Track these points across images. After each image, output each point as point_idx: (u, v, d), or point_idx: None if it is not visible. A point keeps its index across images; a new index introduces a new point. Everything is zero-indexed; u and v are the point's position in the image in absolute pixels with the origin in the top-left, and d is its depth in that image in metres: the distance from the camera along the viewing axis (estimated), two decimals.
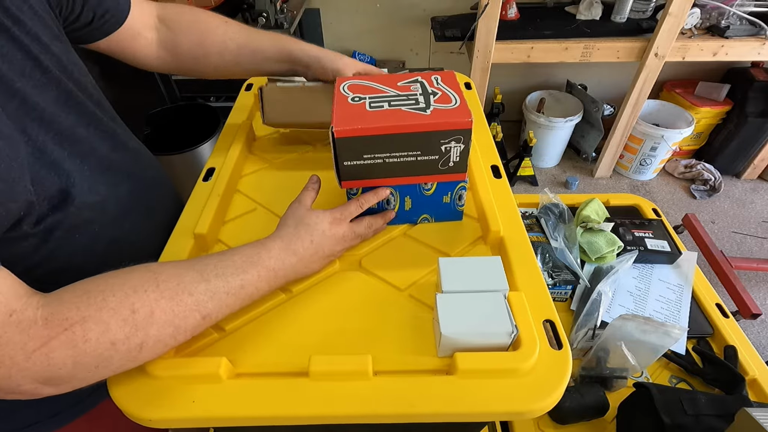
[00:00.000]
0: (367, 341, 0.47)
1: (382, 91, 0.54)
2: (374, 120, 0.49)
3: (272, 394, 0.42)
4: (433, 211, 0.60)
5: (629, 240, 0.93)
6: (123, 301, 0.37)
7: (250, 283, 0.45)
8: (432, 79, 0.56)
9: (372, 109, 0.51)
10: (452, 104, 0.51)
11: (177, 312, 0.39)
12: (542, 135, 2.17)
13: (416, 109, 0.50)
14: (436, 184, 0.56)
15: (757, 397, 0.74)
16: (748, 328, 1.62)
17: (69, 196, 0.45)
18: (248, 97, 0.82)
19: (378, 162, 0.52)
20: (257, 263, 0.46)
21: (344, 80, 0.56)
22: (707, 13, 1.81)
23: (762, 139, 2.06)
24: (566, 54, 1.81)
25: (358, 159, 0.51)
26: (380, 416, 0.42)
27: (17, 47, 0.42)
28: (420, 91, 0.54)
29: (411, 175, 0.54)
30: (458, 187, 0.57)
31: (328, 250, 0.52)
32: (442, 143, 0.50)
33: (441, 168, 0.53)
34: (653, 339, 0.71)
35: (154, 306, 0.38)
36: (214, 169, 0.66)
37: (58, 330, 0.34)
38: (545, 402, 0.41)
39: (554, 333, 0.46)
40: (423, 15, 2.13)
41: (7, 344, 0.33)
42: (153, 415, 0.41)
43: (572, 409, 0.69)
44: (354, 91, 0.54)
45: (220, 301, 0.42)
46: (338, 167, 0.52)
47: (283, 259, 0.48)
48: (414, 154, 0.51)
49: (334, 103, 0.52)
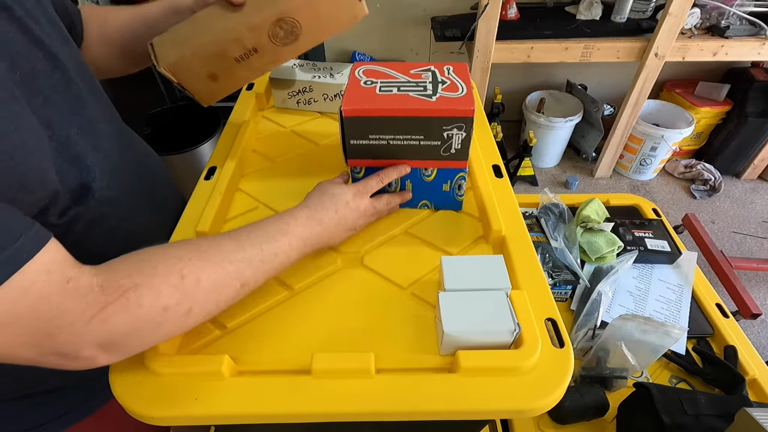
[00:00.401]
0: (370, 339, 0.48)
1: (394, 77, 0.57)
2: (382, 102, 0.52)
3: (274, 391, 0.42)
4: (433, 198, 0.62)
5: (629, 240, 0.93)
6: (171, 268, 0.38)
7: (282, 251, 0.47)
8: (444, 69, 0.58)
9: (381, 92, 0.54)
10: (458, 93, 0.53)
11: (220, 279, 0.41)
12: (542, 135, 2.17)
13: (423, 96, 0.53)
14: (436, 171, 0.58)
15: (757, 397, 0.75)
16: (748, 328, 1.62)
17: (89, 190, 0.46)
18: (249, 96, 0.82)
19: (382, 143, 0.55)
20: (287, 232, 0.48)
21: (360, 65, 0.59)
22: (707, 13, 1.81)
23: (762, 139, 2.07)
24: (566, 54, 1.81)
25: (363, 138, 0.54)
26: (382, 414, 0.42)
27: (39, 47, 0.42)
28: (430, 79, 0.56)
29: (413, 159, 0.57)
30: (458, 176, 0.58)
31: (351, 222, 0.55)
32: (445, 129, 0.53)
33: (443, 154, 0.55)
34: (653, 339, 0.71)
35: (200, 273, 0.39)
36: (215, 168, 0.66)
37: (113, 296, 0.35)
38: (547, 400, 0.41)
39: (556, 331, 0.46)
40: (423, 15, 2.13)
41: (67, 311, 0.34)
42: (156, 412, 0.41)
43: (572, 409, 0.69)
44: (368, 76, 0.57)
45: (256, 269, 0.44)
46: (345, 145, 0.55)
47: (311, 227, 0.50)
48: (417, 138, 0.54)
49: (348, 85, 0.56)
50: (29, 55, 0.41)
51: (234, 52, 0.58)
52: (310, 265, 0.55)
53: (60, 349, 0.34)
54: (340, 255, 0.57)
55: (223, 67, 0.60)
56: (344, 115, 0.52)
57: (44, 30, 0.44)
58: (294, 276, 0.54)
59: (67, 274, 0.34)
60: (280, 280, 0.53)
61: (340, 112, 0.52)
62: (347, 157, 0.57)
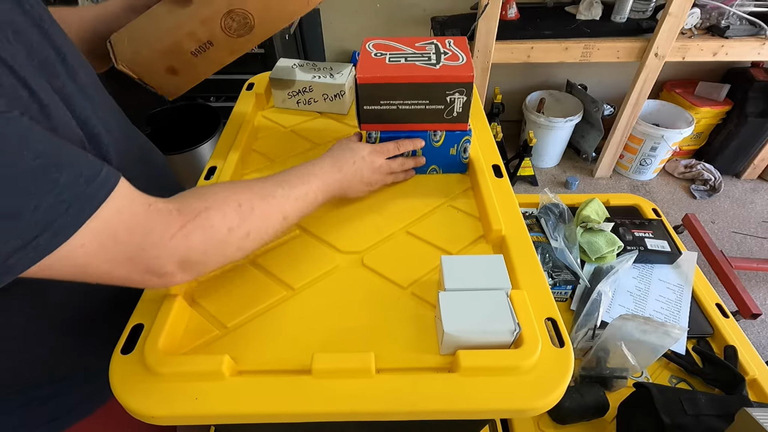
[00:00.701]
0: (370, 339, 0.48)
1: (401, 50, 0.63)
2: (391, 71, 0.59)
3: (275, 391, 0.42)
4: (441, 162, 0.68)
5: (629, 240, 0.93)
6: (230, 196, 0.44)
7: (312, 191, 0.53)
8: (446, 42, 0.65)
9: (391, 62, 0.60)
10: (459, 62, 0.60)
11: (268, 210, 0.47)
12: (542, 135, 2.17)
13: (428, 64, 0.59)
14: (444, 135, 0.64)
15: (757, 397, 0.75)
16: (748, 328, 1.62)
17: None
18: (249, 96, 0.82)
19: (393, 108, 0.61)
20: (315, 174, 0.54)
21: (370, 39, 0.65)
22: (707, 13, 1.81)
23: (762, 139, 2.07)
24: (566, 54, 1.81)
25: (375, 104, 0.61)
26: (383, 413, 0.42)
27: (47, 41, 0.43)
28: (434, 50, 0.63)
29: (420, 122, 0.63)
30: (463, 139, 0.65)
31: (366, 176, 0.60)
32: (447, 94, 0.59)
33: (446, 117, 0.62)
34: (653, 339, 0.71)
35: (253, 202, 0.45)
36: (215, 168, 0.66)
37: (190, 216, 0.40)
38: (547, 399, 0.41)
39: (556, 331, 0.46)
40: (423, 15, 2.13)
41: (154, 228, 0.38)
42: (156, 412, 0.41)
43: (572, 409, 0.69)
44: (377, 49, 0.63)
45: (293, 204, 0.50)
46: (359, 111, 0.62)
47: (332, 174, 0.56)
48: (423, 103, 0.60)
49: (360, 57, 0.61)
50: (41, 46, 0.42)
51: (189, 45, 0.59)
52: (310, 265, 0.55)
53: (149, 264, 0.38)
54: (340, 255, 0.57)
55: (182, 61, 0.61)
56: (359, 83, 0.58)
57: (49, 24, 0.44)
58: (294, 276, 0.54)
59: (147, 200, 0.38)
60: (280, 280, 0.54)
61: (354, 80, 0.59)
62: (361, 122, 0.63)
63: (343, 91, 0.78)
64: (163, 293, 0.49)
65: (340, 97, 0.79)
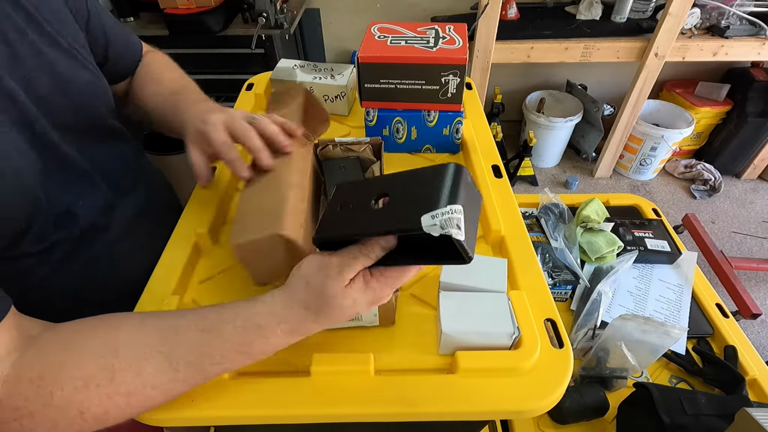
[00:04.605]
0: (369, 340, 0.47)
1: (403, 33, 0.67)
2: (391, 51, 0.62)
3: (273, 393, 0.42)
4: (435, 142, 0.71)
5: (629, 240, 0.93)
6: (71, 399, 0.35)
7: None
8: (446, 28, 0.69)
9: (392, 44, 0.64)
10: (455, 46, 0.63)
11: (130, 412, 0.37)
12: (542, 135, 2.17)
13: (426, 47, 0.63)
14: (438, 115, 0.67)
15: (757, 397, 0.75)
16: (748, 328, 1.62)
17: (76, 216, 0.48)
18: (248, 96, 0.82)
19: (391, 87, 0.64)
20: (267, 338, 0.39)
21: (375, 23, 0.70)
22: (707, 13, 1.81)
23: (762, 139, 2.06)
24: (566, 54, 1.81)
25: (375, 83, 0.64)
26: (382, 415, 0.42)
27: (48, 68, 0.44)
28: (433, 35, 0.66)
29: (416, 102, 0.66)
30: (456, 120, 0.68)
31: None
32: (442, 75, 0.62)
33: (441, 98, 0.65)
34: (653, 339, 0.71)
35: (107, 404, 0.36)
36: (215, 169, 0.66)
37: (9, 417, 0.34)
38: (547, 400, 0.41)
39: (555, 332, 0.46)
40: (423, 15, 2.13)
41: None
42: (154, 413, 0.41)
43: (572, 409, 0.69)
44: (381, 32, 0.67)
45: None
46: (360, 89, 0.65)
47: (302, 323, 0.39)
48: (419, 83, 0.64)
49: (364, 39, 0.65)
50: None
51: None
52: None
53: None
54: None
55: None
56: (360, 62, 0.62)
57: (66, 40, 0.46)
58: None
59: None
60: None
61: (357, 60, 0.62)
62: (362, 99, 0.66)
63: (344, 92, 0.78)
64: (163, 293, 0.49)
65: (341, 98, 0.79)
